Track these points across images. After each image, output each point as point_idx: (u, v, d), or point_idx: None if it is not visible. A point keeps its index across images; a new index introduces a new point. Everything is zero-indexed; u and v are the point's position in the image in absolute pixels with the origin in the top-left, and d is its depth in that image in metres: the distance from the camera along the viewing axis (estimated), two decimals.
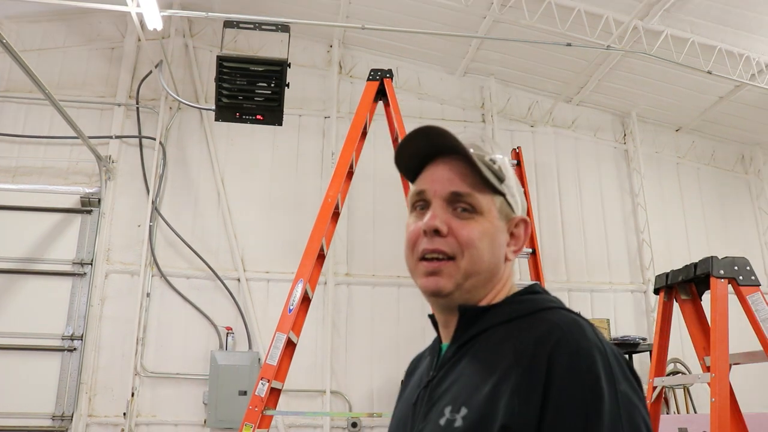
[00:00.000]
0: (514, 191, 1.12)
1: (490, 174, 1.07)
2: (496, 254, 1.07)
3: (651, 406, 3.65)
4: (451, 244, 1.04)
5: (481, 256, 1.05)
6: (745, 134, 7.83)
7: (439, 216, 1.05)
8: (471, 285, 1.06)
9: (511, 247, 1.11)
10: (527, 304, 1.05)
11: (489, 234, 1.06)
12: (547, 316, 0.99)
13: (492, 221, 1.07)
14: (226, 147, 6.91)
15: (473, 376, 0.99)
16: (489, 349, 1.00)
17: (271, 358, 4.18)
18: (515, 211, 1.12)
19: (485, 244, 1.05)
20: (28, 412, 5.81)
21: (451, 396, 0.99)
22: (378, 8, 6.58)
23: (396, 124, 5.26)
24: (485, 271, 1.06)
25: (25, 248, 6.23)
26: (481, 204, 1.06)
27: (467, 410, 0.95)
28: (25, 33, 6.88)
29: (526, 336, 0.96)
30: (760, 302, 3.15)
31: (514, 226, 1.11)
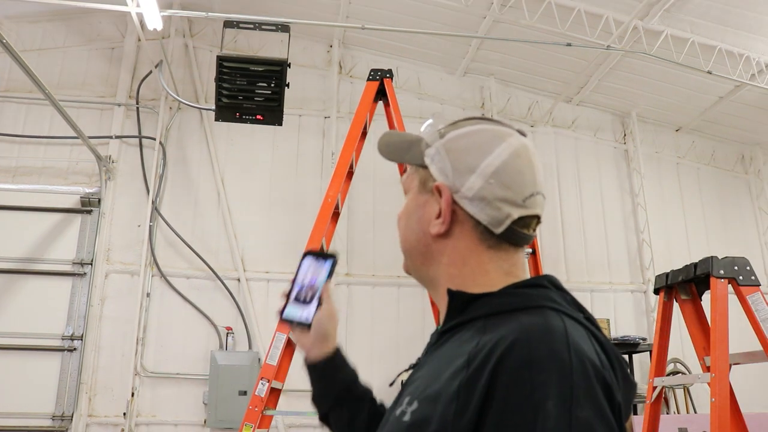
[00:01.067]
0: (438, 158, 1.01)
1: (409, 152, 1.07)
2: (414, 229, 1.03)
3: (651, 406, 3.65)
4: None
5: (403, 234, 1.06)
6: (745, 134, 7.83)
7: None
8: (411, 264, 1.06)
9: (436, 220, 0.98)
10: (518, 298, 0.91)
11: (407, 211, 1.06)
12: (522, 317, 0.85)
13: (412, 197, 1.06)
14: (226, 147, 6.91)
15: (435, 369, 0.90)
16: (457, 343, 0.90)
17: (271, 358, 4.17)
18: (436, 179, 1.00)
19: (403, 222, 1.06)
20: (28, 412, 5.81)
21: (412, 387, 0.93)
22: (378, 8, 6.58)
23: (396, 124, 5.26)
24: (411, 248, 1.04)
25: (25, 248, 6.23)
26: (404, 182, 1.09)
27: (417, 405, 0.86)
28: (25, 33, 6.88)
29: (489, 335, 0.84)
30: (760, 302, 3.15)
31: (438, 196, 0.99)
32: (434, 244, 1.00)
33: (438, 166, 1.01)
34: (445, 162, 1.00)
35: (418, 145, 1.07)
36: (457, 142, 1.02)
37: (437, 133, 1.07)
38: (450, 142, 1.02)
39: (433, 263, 1.01)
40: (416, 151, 1.07)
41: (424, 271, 1.04)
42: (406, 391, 0.93)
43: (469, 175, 0.97)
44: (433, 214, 1.00)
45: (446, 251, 0.99)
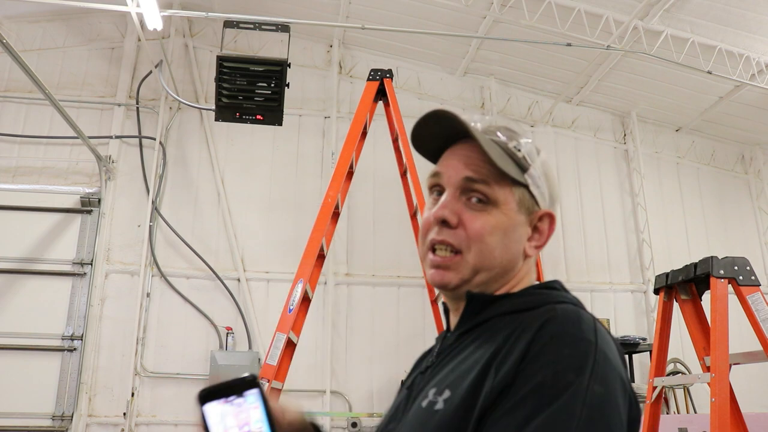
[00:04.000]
0: (539, 182, 1.02)
1: (509, 162, 0.99)
2: (511, 249, 1.00)
3: (651, 406, 3.65)
4: (460, 237, 0.98)
5: (491, 251, 0.98)
6: (745, 134, 7.83)
7: (450, 206, 0.99)
8: (480, 280, 1.00)
9: (533, 242, 1.02)
10: (538, 297, 0.98)
11: (502, 228, 0.98)
12: (549, 308, 0.91)
13: (508, 214, 0.99)
14: (226, 147, 6.91)
15: (464, 362, 0.94)
16: (487, 338, 0.94)
17: (271, 358, 4.17)
18: (539, 204, 1.02)
19: (496, 239, 0.98)
20: (28, 412, 5.81)
21: (439, 379, 0.95)
22: (378, 8, 6.58)
23: (396, 124, 5.26)
24: (497, 267, 0.99)
25: (25, 248, 6.23)
26: (496, 195, 0.98)
27: (450, 393, 0.90)
28: (25, 33, 6.88)
29: (520, 326, 0.90)
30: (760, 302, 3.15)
31: (537, 220, 1.02)
32: (519, 263, 1.02)
33: (541, 190, 1.02)
34: (545, 188, 1.03)
35: (507, 153, 1.01)
36: (547, 166, 1.05)
37: (533, 150, 1.03)
38: (545, 165, 1.04)
39: (505, 278, 1.02)
40: (511, 163, 1.00)
41: (493, 285, 1.01)
42: (429, 386, 0.95)
43: (556, 203, 1.06)
44: (525, 234, 1.02)
45: (522, 269, 1.03)
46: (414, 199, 5.39)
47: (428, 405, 0.91)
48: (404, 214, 5.91)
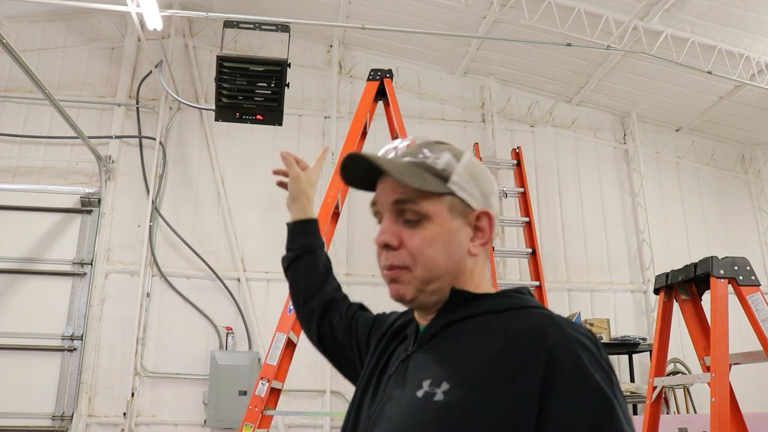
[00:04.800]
0: (466, 185, 1.09)
1: (427, 177, 1.06)
2: (454, 254, 1.07)
3: (651, 406, 3.65)
4: (403, 257, 1.07)
5: (434, 262, 1.06)
6: (745, 134, 7.83)
7: (389, 230, 1.08)
8: (432, 288, 1.07)
9: (476, 242, 1.09)
10: (516, 299, 1.07)
11: (439, 238, 1.06)
12: (537, 312, 1.03)
13: (442, 224, 1.06)
14: (226, 147, 6.91)
15: (457, 355, 1.01)
16: (477, 334, 1.02)
17: (271, 358, 4.18)
18: (472, 206, 1.09)
19: (437, 249, 1.06)
20: (28, 412, 5.81)
21: (432, 371, 1.01)
22: (378, 8, 6.58)
23: (396, 124, 5.26)
24: (445, 274, 1.07)
25: (25, 248, 6.24)
26: (425, 209, 1.06)
27: (449, 386, 0.96)
28: (25, 33, 6.88)
29: (517, 326, 0.98)
30: (760, 302, 3.15)
31: (476, 220, 1.09)
32: (468, 263, 1.09)
33: (469, 192, 1.09)
34: (474, 189, 1.10)
35: (425, 170, 1.08)
36: (473, 169, 1.11)
37: (453, 160, 1.10)
38: (470, 169, 1.11)
39: (457, 281, 1.09)
40: (431, 178, 1.07)
41: (446, 290, 1.08)
42: (419, 376, 1.02)
43: (492, 197, 1.13)
44: (466, 236, 1.09)
45: (474, 268, 1.11)
46: None
47: (425, 396, 0.98)
48: None
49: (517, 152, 7.01)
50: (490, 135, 7.31)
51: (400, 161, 1.10)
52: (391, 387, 1.07)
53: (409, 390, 1.01)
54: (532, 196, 7.00)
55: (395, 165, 1.07)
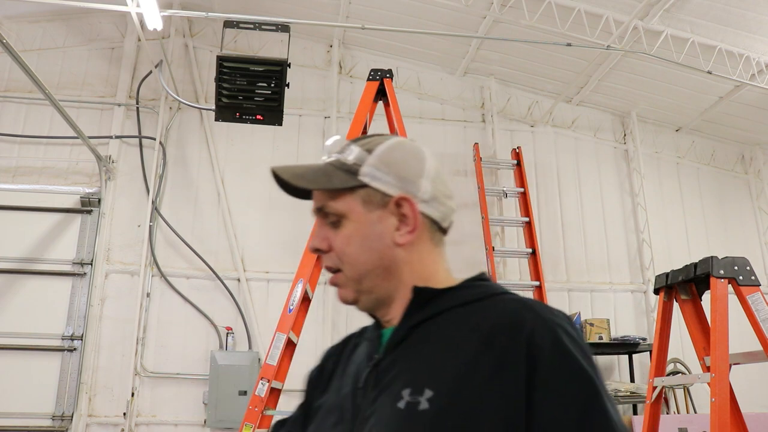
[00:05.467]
0: (378, 174, 1.05)
1: (336, 175, 1.06)
2: (375, 248, 1.04)
3: (651, 406, 3.65)
4: (333, 258, 1.07)
5: (357, 259, 1.05)
6: (745, 134, 7.83)
7: (318, 234, 1.09)
8: (367, 286, 1.06)
9: (403, 230, 1.05)
10: (482, 288, 1.05)
11: (356, 233, 1.05)
12: (507, 298, 1.00)
13: (358, 219, 1.05)
14: (226, 147, 6.91)
15: (433, 358, 0.96)
16: (447, 331, 0.99)
17: (271, 358, 4.18)
18: (389, 193, 1.05)
19: (355, 247, 1.05)
20: (28, 412, 5.81)
21: (409, 378, 0.96)
22: (378, 8, 6.58)
23: (396, 124, 5.26)
24: (373, 269, 1.05)
25: (25, 248, 6.23)
26: (340, 209, 1.06)
27: (433, 393, 0.92)
28: (25, 33, 6.88)
29: (490, 319, 0.96)
30: (760, 302, 3.15)
31: (396, 208, 1.05)
32: (399, 254, 1.05)
33: (383, 180, 1.05)
34: (389, 175, 1.06)
35: (338, 168, 1.07)
36: (390, 155, 1.07)
37: (362, 152, 1.07)
38: (384, 156, 1.07)
39: (393, 275, 1.06)
40: (340, 175, 1.06)
41: (384, 286, 1.06)
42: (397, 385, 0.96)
43: (419, 179, 1.07)
44: (391, 226, 1.05)
45: (410, 258, 1.06)
46: None
47: (408, 407, 0.92)
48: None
49: (517, 152, 7.01)
50: (490, 135, 7.31)
51: (314, 166, 1.10)
52: (367, 403, 0.99)
53: (388, 403, 0.95)
54: (532, 196, 7.00)
55: (299, 171, 1.08)
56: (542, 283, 6.19)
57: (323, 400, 1.12)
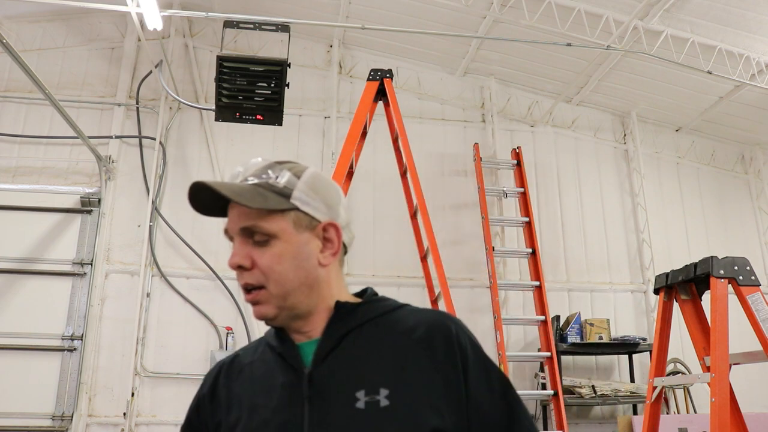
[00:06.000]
0: (308, 199, 1.14)
1: (269, 197, 1.10)
2: (304, 267, 1.13)
3: (651, 406, 3.65)
4: (257, 275, 1.13)
5: (285, 277, 1.11)
6: (745, 134, 7.83)
7: (240, 252, 1.13)
8: (291, 303, 1.13)
9: (326, 252, 1.16)
10: (387, 302, 1.21)
11: (287, 253, 1.11)
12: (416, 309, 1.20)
13: (288, 239, 1.11)
14: (226, 147, 6.91)
15: (376, 361, 1.09)
16: (379, 337, 1.13)
17: None
18: (317, 218, 1.15)
19: (285, 265, 1.11)
20: (28, 412, 5.81)
21: (357, 381, 1.07)
22: (378, 8, 6.58)
23: (396, 124, 5.26)
24: (299, 286, 1.13)
25: (25, 248, 6.23)
26: (271, 228, 1.11)
27: (389, 390, 1.05)
28: (25, 33, 6.88)
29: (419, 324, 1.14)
30: (760, 302, 3.15)
31: (323, 232, 1.16)
32: (321, 273, 1.15)
33: (312, 206, 1.14)
34: (317, 202, 1.15)
35: (268, 190, 1.12)
36: (316, 182, 1.17)
37: (292, 176, 1.14)
38: (312, 183, 1.16)
39: (314, 292, 1.15)
40: (274, 197, 1.12)
41: (306, 302, 1.14)
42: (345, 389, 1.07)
43: (338, 207, 1.19)
44: (316, 248, 1.15)
45: (328, 277, 1.17)
46: (414, 199, 5.39)
47: (368, 405, 1.04)
48: (404, 214, 5.92)
49: (517, 152, 7.01)
50: (490, 135, 7.31)
51: (244, 185, 1.13)
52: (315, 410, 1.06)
53: (342, 406, 1.05)
54: (532, 196, 7.00)
55: (237, 189, 1.11)
56: (542, 283, 6.19)
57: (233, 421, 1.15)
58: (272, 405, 1.10)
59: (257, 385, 1.17)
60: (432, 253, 4.90)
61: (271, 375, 1.15)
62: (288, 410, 1.08)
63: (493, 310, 6.02)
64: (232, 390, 1.21)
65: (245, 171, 1.17)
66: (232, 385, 1.23)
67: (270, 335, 1.23)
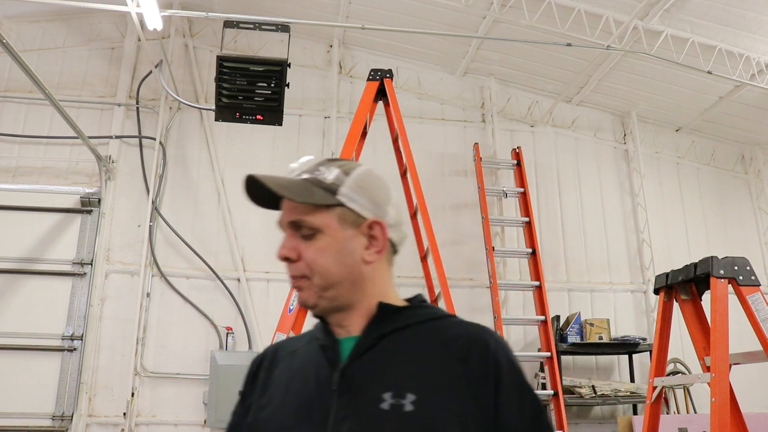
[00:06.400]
0: (355, 196, 1.16)
1: (316, 192, 1.14)
2: (346, 262, 1.15)
3: (651, 406, 3.65)
4: (302, 267, 1.16)
5: (328, 270, 1.14)
6: (745, 134, 7.83)
7: (287, 244, 1.19)
8: (332, 295, 1.16)
9: (371, 250, 1.17)
10: (432, 309, 1.22)
11: (331, 248, 1.14)
12: (460, 321, 1.19)
13: (333, 234, 1.15)
14: (226, 147, 6.91)
15: (407, 366, 1.10)
16: (416, 344, 1.13)
17: None
18: (363, 215, 1.16)
19: (328, 259, 1.14)
20: (28, 412, 5.81)
21: (387, 383, 1.08)
22: (378, 8, 6.58)
23: (396, 124, 5.26)
24: (341, 280, 1.15)
25: (25, 248, 6.23)
26: (316, 223, 1.15)
27: (416, 396, 1.05)
28: (25, 33, 6.88)
29: (458, 336, 1.13)
30: (760, 302, 3.15)
31: (368, 229, 1.17)
32: (365, 270, 1.17)
33: (359, 203, 1.17)
34: (364, 199, 1.17)
35: (315, 185, 1.16)
36: (365, 180, 1.19)
37: (341, 173, 1.18)
38: (360, 181, 1.18)
39: (359, 288, 1.17)
40: (320, 192, 1.15)
41: (347, 296, 1.17)
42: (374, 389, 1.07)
43: (387, 206, 1.20)
44: (360, 245, 1.16)
45: (372, 275, 1.18)
46: (414, 199, 5.39)
47: (393, 408, 1.05)
48: (404, 214, 5.92)
49: (517, 152, 7.01)
50: (490, 135, 7.31)
51: (293, 180, 1.18)
52: (341, 404, 1.08)
53: (367, 405, 1.06)
54: (532, 196, 7.00)
55: (284, 183, 1.16)
56: (542, 283, 6.19)
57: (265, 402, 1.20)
58: (304, 393, 1.14)
59: (295, 372, 1.20)
60: (432, 253, 4.90)
61: (310, 365, 1.18)
62: (317, 401, 1.11)
63: (493, 310, 6.02)
64: (272, 374, 1.25)
65: (299, 167, 1.22)
66: (273, 369, 1.26)
67: (317, 328, 1.26)
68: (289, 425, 1.11)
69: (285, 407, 1.15)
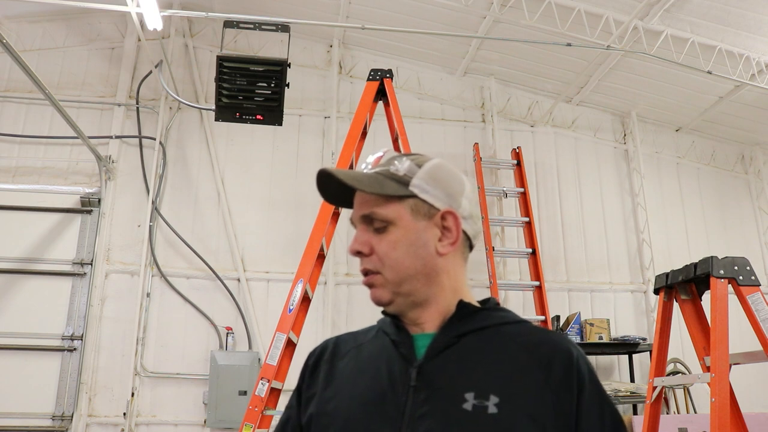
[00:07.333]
0: (428, 187, 1.14)
1: (388, 184, 1.13)
2: (420, 254, 1.12)
3: (651, 406, 3.65)
4: (374, 262, 1.13)
5: (400, 263, 1.12)
6: (745, 134, 7.83)
7: (359, 239, 1.15)
8: (407, 289, 1.13)
9: (445, 241, 1.15)
10: (510, 314, 1.19)
11: (404, 240, 1.12)
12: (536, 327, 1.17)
13: (405, 226, 1.13)
14: (226, 147, 6.91)
15: (490, 367, 1.08)
16: (498, 346, 1.11)
17: (271, 358, 4.18)
18: (436, 206, 1.14)
19: (401, 252, 1.12)
20: (28, 412, 5.81)
21: (469, 383, 1.06)
22: (378, 8, 6.58)
23: (396, 124, 5.26)
24: (415, 273, 1.12)
25: (25, 248, 6.23)
26: (389, 215, 1.13)
27: (499, 399, 1.04)
28: (25, 33, 6.88)
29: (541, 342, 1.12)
30: (760, 302, 3.15)
31: (441, 220, 1.15)
32: (439, 263, 1.14)
33: (432, 194, 1.14)
34: (437, 190, 1.15)
35: (387, 177, 1.15)
36: (438, 172, 1.17)
37: (413, 165, 1.16)
38: (433, 172, 1.16)
39: (434, 282, 1.14)
40: (392, 184, 1.14)
41: (423, 291, 1.14)
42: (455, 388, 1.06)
43: (460, 197, 1.17)
44: (434, 236, 1.14)
45: (447, 268, 1.15)
46: None
47: (477, 409, 1.03)
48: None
49: (517, 152, 7.01)
50: (490, 135, 7.31)
51: (365, 172, 1.16)
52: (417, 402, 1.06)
53: (447, 404, 1.05)
54: (532, 196, 7.00)
55: (356, 176, 1.13)
56: (542, 283, 6.19)
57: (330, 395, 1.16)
58: (376, 388, 1.11)
59: (363, 366, 1.17)
60: None
61: (380, 360, 1.15)
62: (391, 397, 1.08)
63: None
64: (336, 366, 1.21)
65: (370, 161, 1.20)
66: (336, 362, 1.22)
67: (385, 323, 1.22)
68: (360, 418, 1.09)
69: (354, 400, 1.12)
